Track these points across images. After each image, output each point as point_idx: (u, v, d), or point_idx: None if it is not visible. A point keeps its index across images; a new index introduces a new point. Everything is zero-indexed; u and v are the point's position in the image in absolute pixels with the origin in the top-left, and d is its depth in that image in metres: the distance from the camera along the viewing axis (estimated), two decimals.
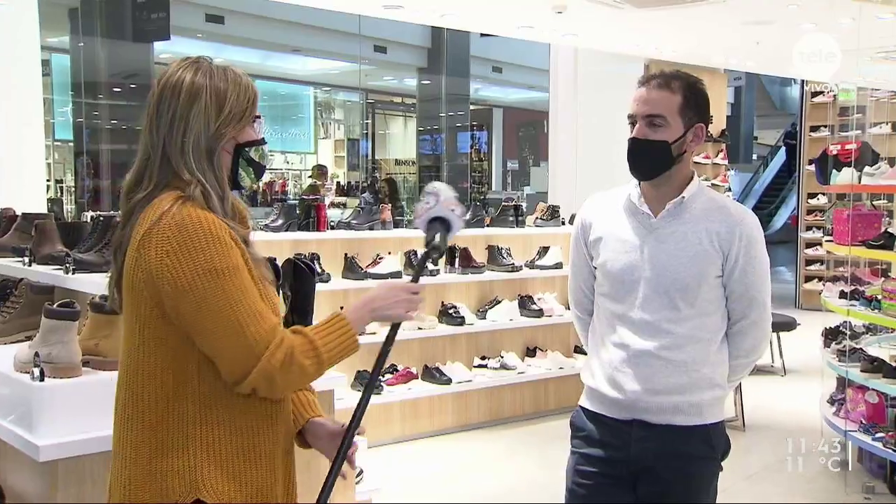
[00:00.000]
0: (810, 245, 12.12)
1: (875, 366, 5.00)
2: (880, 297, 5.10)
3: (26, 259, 3.73)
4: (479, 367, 6.40)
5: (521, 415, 6.51)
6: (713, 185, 10.88)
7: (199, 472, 1.78)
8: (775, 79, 22.88)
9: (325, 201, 6.44)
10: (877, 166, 5.31)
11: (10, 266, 3.78)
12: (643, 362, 2.38)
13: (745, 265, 2.39)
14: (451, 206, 2.04)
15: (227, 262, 1.77)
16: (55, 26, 10.77)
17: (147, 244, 1.77)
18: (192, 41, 12.36)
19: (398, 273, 5.84)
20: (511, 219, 6.97)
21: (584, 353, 2.97)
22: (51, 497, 2.32)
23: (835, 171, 5.77)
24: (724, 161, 11.68)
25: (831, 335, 5.86)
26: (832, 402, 5.57)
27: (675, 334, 2.37)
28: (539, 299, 6.73)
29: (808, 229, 12.23)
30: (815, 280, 11.61)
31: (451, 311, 6.28)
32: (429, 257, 2.06)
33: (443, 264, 6.36)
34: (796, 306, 11.87)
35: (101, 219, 3.64)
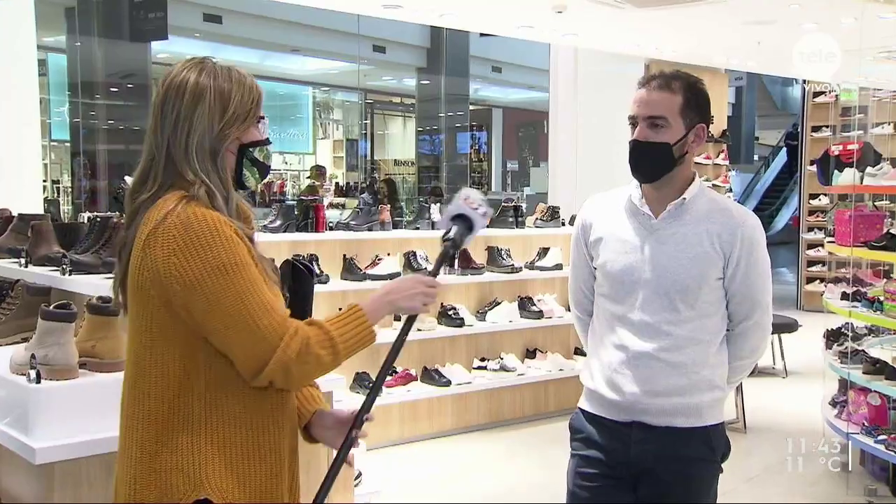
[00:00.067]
0: (812, 246, 12.11)
1: (877, 368, 4.99)
2: (882, 299, 5.09)
3: (22, 260, 3.71)
4: (479, 368, 6.37)
5: (521, 417, 6.48)
6: (714, 185, 10.86)
7: (204, 471, 1.79)
8: (777, 79, 22.93)
9: (323, 202, 6.42)
10: (879, 167, 5.29)
11: (6, 267, 3.77)
12: (643, 364, 2.37)
13: (747, 268, 2.38)
14: (475, 205, 2.05)
15: (234, 257, 1.77)
16: (52, 26, 10.75)
17: (153, 244, 1.77)
18: (189, 41, 12.36)
19: (397, 274, 5.80)
20: (511, 220, 6.93)
21: (584, 354, 2.95)
22: (47, 500, 2.30)
23: (836, 171, 5.75)
24: (725, 162, 11.67)
25: (833, 337, 5.85)
26: (834, 404, 5.56)
27: (674, 336, 2.36)
28: (539, 300, 6.70)
29: (810, 230, 12.22)
30: (817, 281, 11.61)
31: (450, 313, 6.25)
32: (447, 251, 2.06)
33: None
34: (798, 307, 11.86)
35: (98, 220, 3.63)
